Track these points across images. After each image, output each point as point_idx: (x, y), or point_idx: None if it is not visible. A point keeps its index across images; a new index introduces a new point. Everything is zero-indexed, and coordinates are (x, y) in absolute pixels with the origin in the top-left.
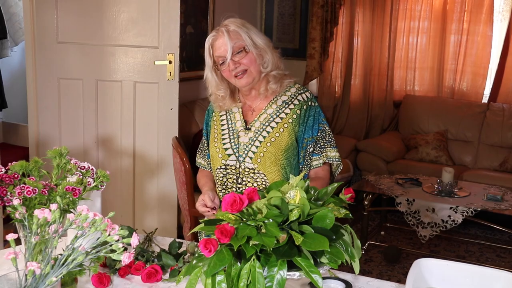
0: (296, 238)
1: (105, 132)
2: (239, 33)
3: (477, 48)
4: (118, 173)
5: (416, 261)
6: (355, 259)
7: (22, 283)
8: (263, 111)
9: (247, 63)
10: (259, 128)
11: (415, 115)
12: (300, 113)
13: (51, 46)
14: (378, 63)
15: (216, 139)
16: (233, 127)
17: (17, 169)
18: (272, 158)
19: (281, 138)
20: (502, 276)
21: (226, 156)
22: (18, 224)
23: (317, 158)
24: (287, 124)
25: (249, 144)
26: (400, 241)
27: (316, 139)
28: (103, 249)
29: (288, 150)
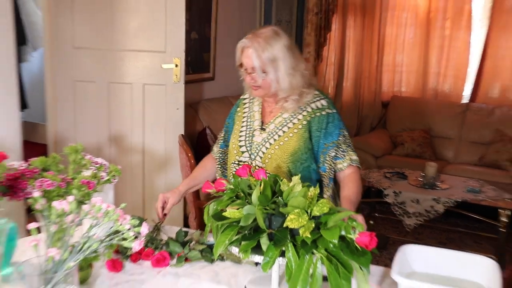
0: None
1: (117, 130)
2: (266, 62)
3: (458, 53)
4: (129, 168)
5: (402, 247)
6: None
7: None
8: (280, 115)
9: (262, 84)
10: (273, 130)
11: (402, 114)
12: (311, 120)
13: (67, 51)
14: (368, 67)
15: (235, 135)
16: (250, 125)
17: (37, 164)
18: (278, 161)
19: (289, 143)
20: (479, 260)
21: (240, 153)
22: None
23: (340, 161)
24: (297, 130)
25: (261, 144)
26: (388, 229)
27: (338, 143)
28: (116, 237)
29: (295, 154)
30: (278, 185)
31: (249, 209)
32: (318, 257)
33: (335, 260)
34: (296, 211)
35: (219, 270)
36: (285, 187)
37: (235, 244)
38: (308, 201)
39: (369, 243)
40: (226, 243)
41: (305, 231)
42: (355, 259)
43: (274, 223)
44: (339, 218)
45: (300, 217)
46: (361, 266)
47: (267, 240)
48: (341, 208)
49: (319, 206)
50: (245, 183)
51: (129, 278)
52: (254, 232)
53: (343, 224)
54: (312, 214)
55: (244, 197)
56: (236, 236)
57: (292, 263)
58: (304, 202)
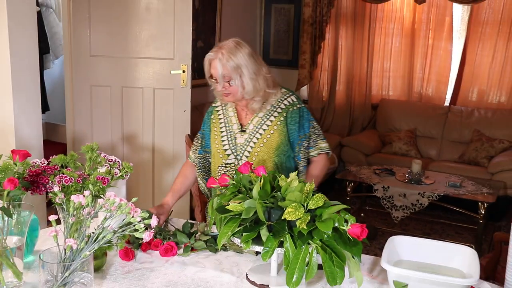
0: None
1: (129, 130)
2: (230, 70)
3: (440, 60)
4: (140, 165)
5: (390, 238)
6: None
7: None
8: (255, 115)
9: (230, 90)
10: (253, 130)
11: (390, 115)
12: (287, 115)
13: (85, 59)
14: (359, 72)
15: (217, 141)
16: (230, 130)
17: (57, 161)
18: (265, 157)
19: (272, 139)
20: (460, 249)
21: (225, 156)
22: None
23: (312, 150)
24: (277, 126)
25: (245, 144)
26: (377, 221)
27: (309, 135)
28: (128, 228)
29: (279, 148)
30: (276, 180)
31: (250, 203)
32: (313, 247)
33: (329, 249)
34: (293, 205)
35: (223, 259)
36: (283, 183)
37: (237, 235)
38: (304, 195)
39: (361, 234)
40: (229, 234)
41: (302, 223)
42: (347, 249)
43: (273, 215)
44: (333, 211)
45: (297, 210)
46: (353, 255)
47: (266, 232)
48: (335, 202)
49: (314, 200)
50: (246, 179)
51: (140, 266)
52: (255, 224)
53: (337, 216)
54: (308, 208)
55: (245, 192)
56: (238, 228)
57: (290, 253)
58: (300, 197)
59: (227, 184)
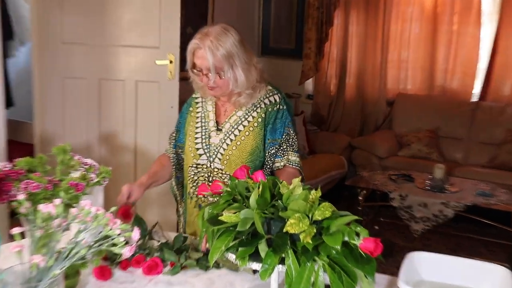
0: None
1: (108, 129)
2: (221, 59)
3: (467, 49)
4: (120, 168)
5: (409, 254)
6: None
7: (27, 275)
8: (234, 113)
9: (220, 84)
10: (228, 130)
11: (408, 113)
12: (265, 116)
13: (56, 46)
14: (372, 63)
15: (190, 137)
16: (206, 126)
17: (23, 165)
18: (237, 161)
19: (246, 142)
20: (491, 269)
21: (197, 156)
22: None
23: (279, 160)
24: (253, 128)
25: (219, 146)
26: (393, 235)
27: (280, 142)
28: (105, 243)
29: (253, 153)
30: (277, 187)
31: (247, 213)
32: (320, 265)
33: (338, 267)
34: (297, 215)
35: (215, 278)
36: (285, 190)
37: (231, 251)
38: (309, 204)
39: (374, 249)
40: (222, 249)
41: (306, 237)
42: (359, 267)
43: (273, 228)
44: (342, 223)
45: (301, 222)
46: (366, 274)
47: (265, 246)
48: (344, 212)
49: (321, 210)
50: (242, 186)
51: (119, 286)
52: (252, 237)
53: (347, 229)
54: (314, 219)
55: (241, 200)
56: (233, 242)
57: (292, 271)
58: (305, 206)
59: (220, 192)
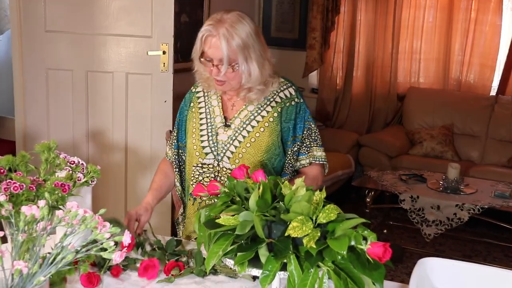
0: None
1: (96, 126)
2: (236, 50)
3: (485, 39)
4: (110, 168)
5: (420, 260)
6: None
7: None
8: (244, 107)
9: (230, 78)
10: (239, 126)
11: (420, 108)
12: (282, 111)
13: (38, 35)
14: (382, 54)
15: (194, 135)
16: (212, 123)
17: (3, 163)
18: (251, 159)
19: (261, 139)
20: (510, 276)
21: (203, 155)
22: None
23: (303, 157)
24: (268, 123)
25: (228, 143)
26: (404, 239)
27: (302, 138)
28: (94, 247)
29: (269, 151)
30: (279, 188)
31: (246, 216)
32: (324, 271)
33: (344, 274)
34: (300, 218)
35: (212, 286)
36: (287, 191)
37: (229, 256)
38: (313, 206)
39: (383, 255)
40: (219, 254)
41: (310, 241)
42: (366, 273)
43: (274, 231)
44: (348, 226)
45: (304, 225)
46: (374, 281)
47: (266, 251)
48: (351, 215)
49: (325, 212)
50: (241, 186)
51: None
52: (252, 242)
53: (353, 233)
54: (318, 222)
55: (240, 202)
56: (231, 247)
57: (295, 278)
58: (308, 208)
59: (217, 193)
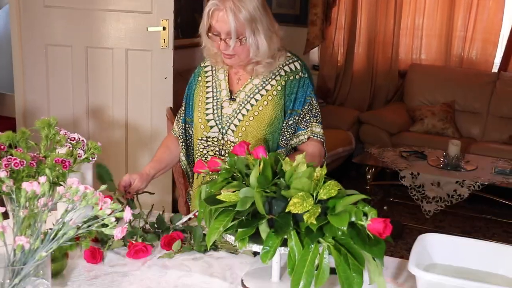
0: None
1: (96, 102)
2: (244, 23)
3: (489, 14)
4: (110, 145)
5: (420, 236)
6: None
7: (11, 258)
8: (249, 81)
9: (239, 52)
10: (243, 99)
11: (421, 85)
12: (286, 85)
13: (37, 10)
14: (383, 30)
15: (200, 108)
16: (217, 96)
17: (3, 140)
18: (254, 133)
19: (264, 112)
20: (509, 251)
21: (208, 128)
22: (6, 198)
23: (302, 133)
24: (272, 97)
25: (232, 116)
26: (404, 216)
27: (302, 113)
28: (95, 223)
29: (272, 124)
30: (279, 164)
31: (247, 192)
32: (324, 247)
33: (344, 249)
34: (300, 194)
35: (213, 261)
36: (288, 167)
37: (230, 232)
38: (314, 182)
39: (383, 230)
40: (220, 230)
41: (310, 217)
42: (367, 249)
43: (275, 207)
44: (348, 202)
45: (305, 201)
46: (374, 256)
47: (267, 227)
48: (351, 191)
49: (326, 188)
50: (242, 162)
51: (110, 270)
52: (252, 218)
53: (354, 209)
54: (318, 198)
55: (241, 178)
56: (232, 223)
57: (295, 253)
58: (309, 184)
59: (218, 169)
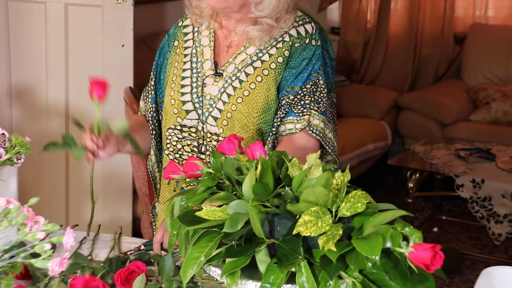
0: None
1: (23, 80)
2: None
3: None
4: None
5: (486, 270)
6: None
7: None
8: (243, 49)
9: None
10: (231, 74)
11: (487, 55)
12: (290, 54)
13: None
14: None
15: (174, 85)
16: (198, 69)
17: None
18: (243, 121)
19: (257, 92)
20: None
21: (183, 113)
22: None
23: (293, 119)
24: (268, 71)
25: (217, 98)
26: (462, 241)
27: (302, 92)
28: (21, 252)
29: (268, 109)
30: (284, 167)
31: (238, 207)
32: (348, 284)
33: None
34: (314, 210)
35: None
36: (296, 171)
37: (215, 263)
38: (333, 193)
39: (432, 261)
40: (201, 261)
41: (328, 242)
42: (408, 287)
43: (278, 228)
44: (382, 221)
45: (320, 220)
46: None
47: (266, 256)
48: (386, 205)
49: (350, 201)
50: (231, 165)
51: None
52: (246, 243)
53: (389, 230)
54: (339, 215)
55: (230, 187)
56: (218, 250)
57: None
58: (326, 195)
59: (198, 174)
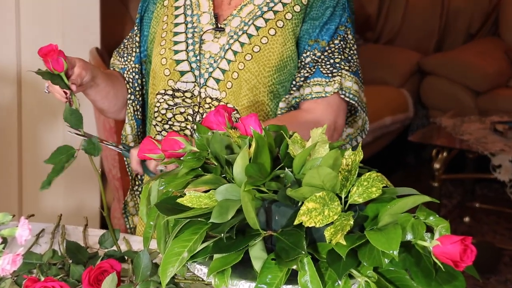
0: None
1: None
2: None
3: None
4: None
5: None
6: None
7: None
8: (248, 1)
9: None
10: (237, 29)
11: None
12: (308, 1)
13: None
14: None
15: (164, 41)
16: (194, 24)
17: None
18: (252, 82)
19: (270, 47)
20: None
21: (176, 74)
22: None
23: (322, 81)
24: (283, 23)
25: (219, 56)
26: (500, 234)
27: (331, 49)
28: None
29: (284, 67)
30: (284, 144)
31: (229, 192)
32: (361, 284)
33: None
34: (319, 196)
35: None
36: (298, 149)
37: (201, 260)
38: (343, 175)
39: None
40: (183, 257)
41: (336, 234)
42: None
43: (276, 218)
44: (401, 209)
45: (327, 207)
46: None
47: (263, 252)
48: (406, 189)
49: (363, 185)
50: (220, 142)
51: None
52: (239, 235)
53: (410, 220)
54: (350, 202)
55: (218, 168)
56: (204, 244)
57: None
58: (333, 178)
59: (180, 154)
